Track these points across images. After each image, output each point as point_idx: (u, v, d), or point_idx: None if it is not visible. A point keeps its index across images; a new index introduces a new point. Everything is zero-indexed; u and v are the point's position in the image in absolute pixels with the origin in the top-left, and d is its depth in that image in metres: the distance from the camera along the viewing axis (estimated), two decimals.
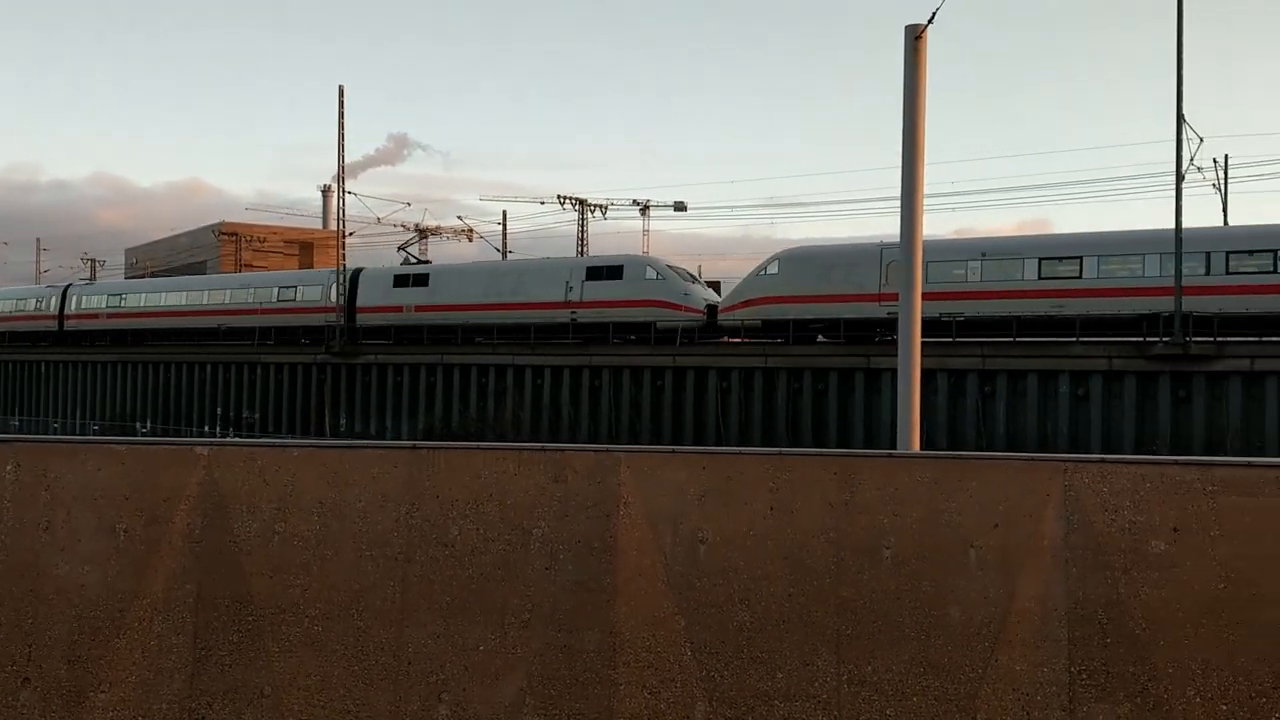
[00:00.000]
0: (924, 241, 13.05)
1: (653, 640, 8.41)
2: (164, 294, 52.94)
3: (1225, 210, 39.20)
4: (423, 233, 71.68)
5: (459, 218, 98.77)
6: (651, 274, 39.62)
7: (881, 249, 33.39)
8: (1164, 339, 29.17)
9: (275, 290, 48.89)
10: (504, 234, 60.87)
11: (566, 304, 39.59)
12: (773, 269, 36.14)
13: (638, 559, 8.67)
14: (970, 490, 9.48)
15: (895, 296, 32.60)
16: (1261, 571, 8.71)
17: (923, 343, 13.34)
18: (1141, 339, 30.05)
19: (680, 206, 57.50)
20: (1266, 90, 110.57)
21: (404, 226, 65.17)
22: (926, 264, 29.11)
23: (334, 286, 45.79)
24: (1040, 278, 31.48)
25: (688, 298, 38.41)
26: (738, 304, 36.71)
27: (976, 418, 31.88)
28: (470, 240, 63.58)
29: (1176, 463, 9.26)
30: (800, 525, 9.03)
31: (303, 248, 74.79)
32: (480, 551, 8.44)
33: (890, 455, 10.28)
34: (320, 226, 79.68)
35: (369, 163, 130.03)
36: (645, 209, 58.06)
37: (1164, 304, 29.06)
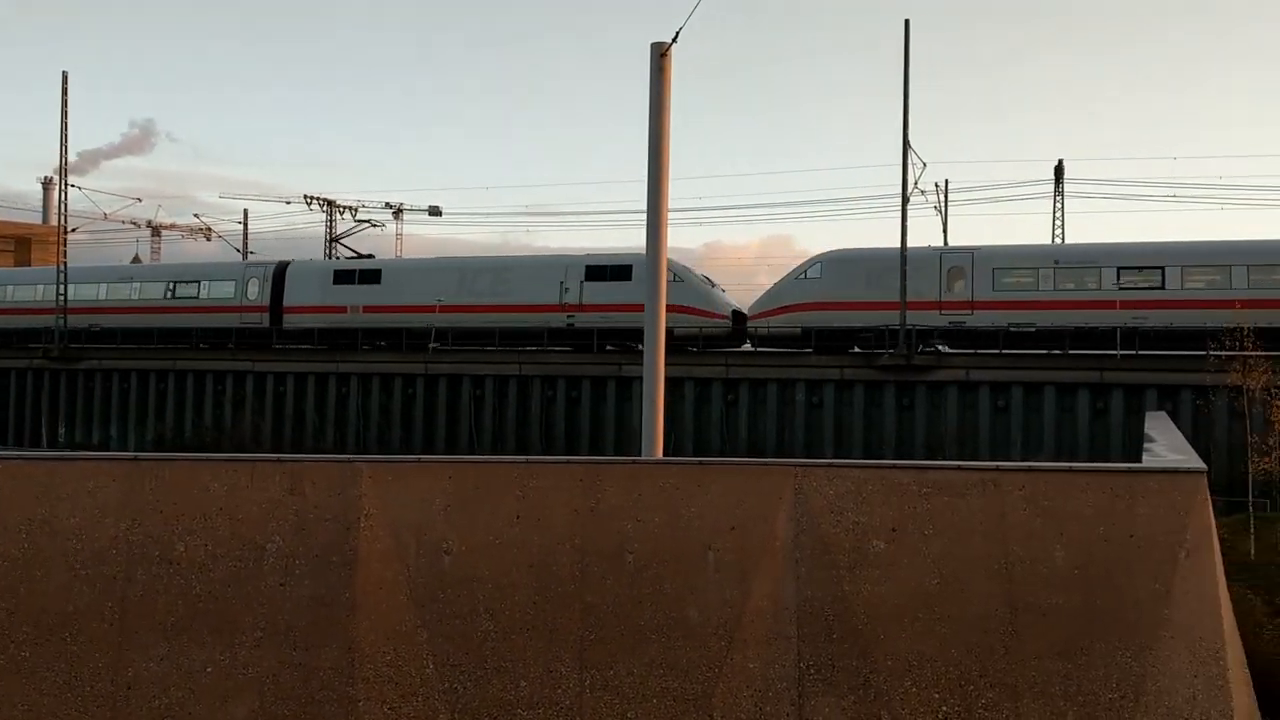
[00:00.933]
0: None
1: (394, 655, 8.23)
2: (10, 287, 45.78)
3: (945, 230, 42.38)
4: (155, 230, 67.31)
5: (196, 215, 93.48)
6: (670, 276, 37.73)
7: (941, 254, 32.01)
8: (889, 350, 31.19)
9: (167, 287, 41.78)
10: (245, 233, 57.95)
11: (563, 307, 35.36)
12: (814, 272, 32.94)
13: (380, 571, 8.48)
14: (710, 494, 9.83)
15: (958, 304, 30.80)
16: (969, 568, 9.45)
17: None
18: (869, 351, 31.99)
19: (435, 211, 56.40)
20: (982, 117, 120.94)
21: (134, 223, 61.05)
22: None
23: (252, 282, 40.19)
24: None
25: (712, 302, 35.57)
26: (773, 310, 33.66)
27: (721, 424, 33.02)
28: (209, 239, 60.18)
29: (895, 466, 9.94)
30: (547, 532, 9.08)
31: (19, 244, 68.84)
32: (208, 568, 8.02)
33: (634, 462, 10.52)
34: (40, 221, 73.71)
35: (113, 152, 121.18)
36: (399, 212, 56.77)
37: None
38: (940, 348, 32.12)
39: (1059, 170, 40.46)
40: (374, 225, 52.49)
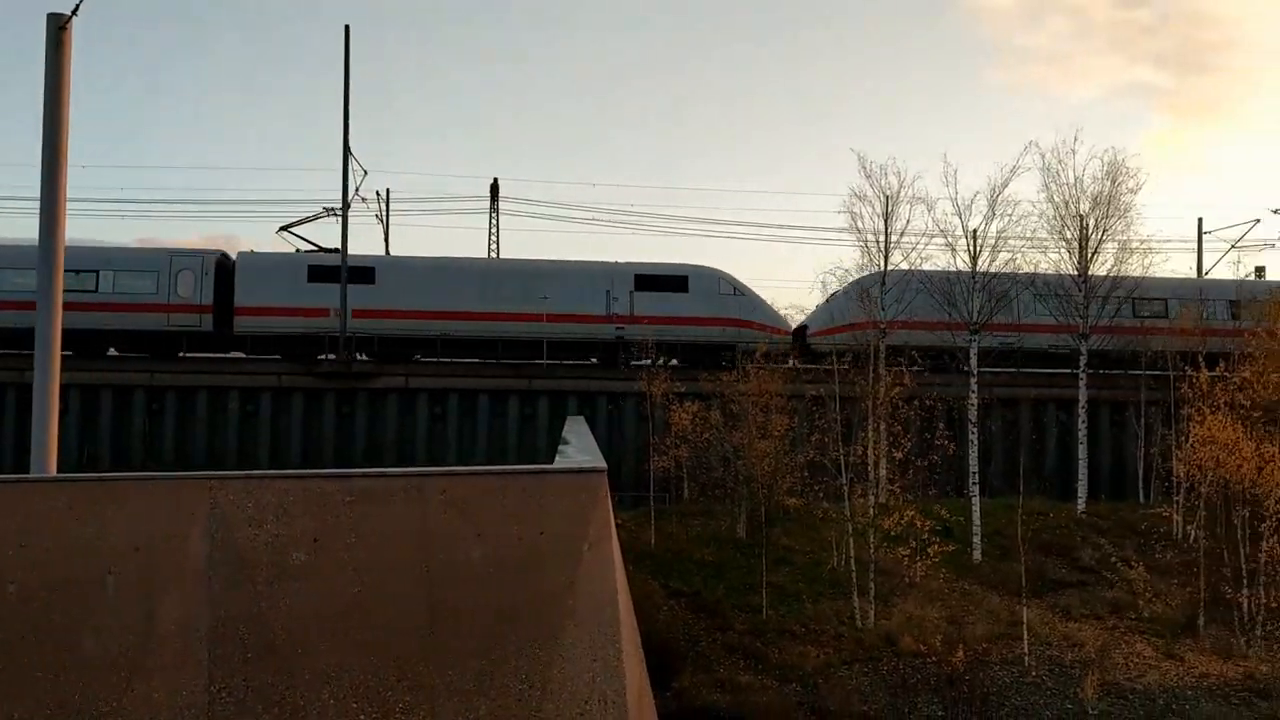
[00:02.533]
0: None
1: None
2: None
3: (387, 240, 42.91)
4: None
5: None
6: (726, 287, 33.53)
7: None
8: (329, 356, 30.87)
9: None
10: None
11: (610, 318, 31.85)
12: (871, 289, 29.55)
13: None
14: (112, 514, 8.95)
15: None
16: (392, 574, 9.50)
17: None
18: (313, 357, 31.41)
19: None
20: (424, 130, 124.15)
21: None
22: None
23: (183, 275, 31.84)
24: None
25: (773, 317, 34.04)
26: (840, 327, 31.31)
27: (145, 435, 30.60)
28: None
29: (319, 475, 9.73)
30: None
31: None
32: None
33: (19, 480, 9.29)
34: None
35: None
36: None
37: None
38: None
39: (495, 188, 42.51)
40: (333, 214, 40.91)
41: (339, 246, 33.17)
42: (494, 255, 42.68)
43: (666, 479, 28.18)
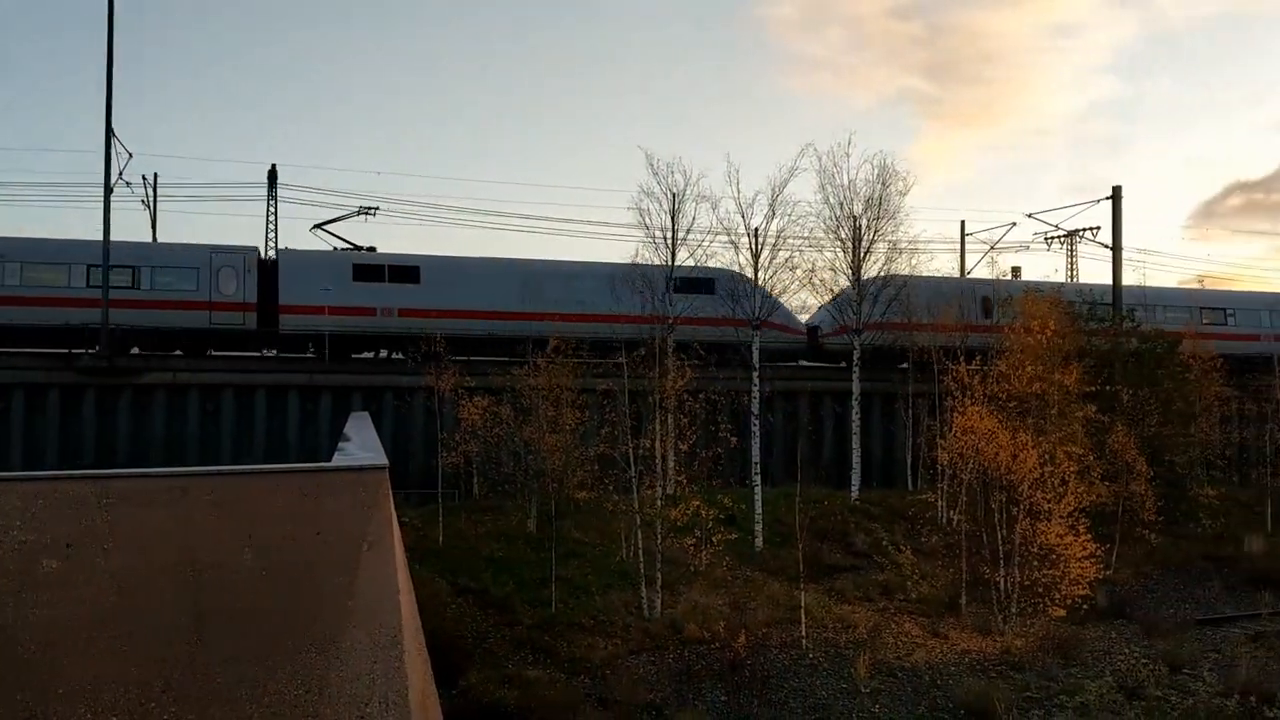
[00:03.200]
0: None
1: None
2: None
3: (154, 226, 40.58)
4: None
5: None
6: (747, 289, 32.58)
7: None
8: (90, 351, 28.89)
9: (74, 271, 29.85)
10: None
11: (651, 318, 30.72)
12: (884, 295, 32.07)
13: None
14: None
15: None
16: (154, 580, 8.96)
17: None
18: (68, 351, 29.30)
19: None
20: (198, 113, 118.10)
21: None
22: None
23: (225, 272, 31.04)
24: None
25: (790, 317, 34.76)
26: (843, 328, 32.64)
27: None
28: None
29: (71, 477, 9.08)
30: None
31: None
32: None
33: None
34: None
35: None
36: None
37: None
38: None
39: (273, 175, 40.85)
40: (366, 214, 37.11)
41: (361, 245, 34.02)
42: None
43: (456, 475, 27.80)
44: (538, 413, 25.59)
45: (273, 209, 40.84)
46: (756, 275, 29.37)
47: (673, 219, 28.99)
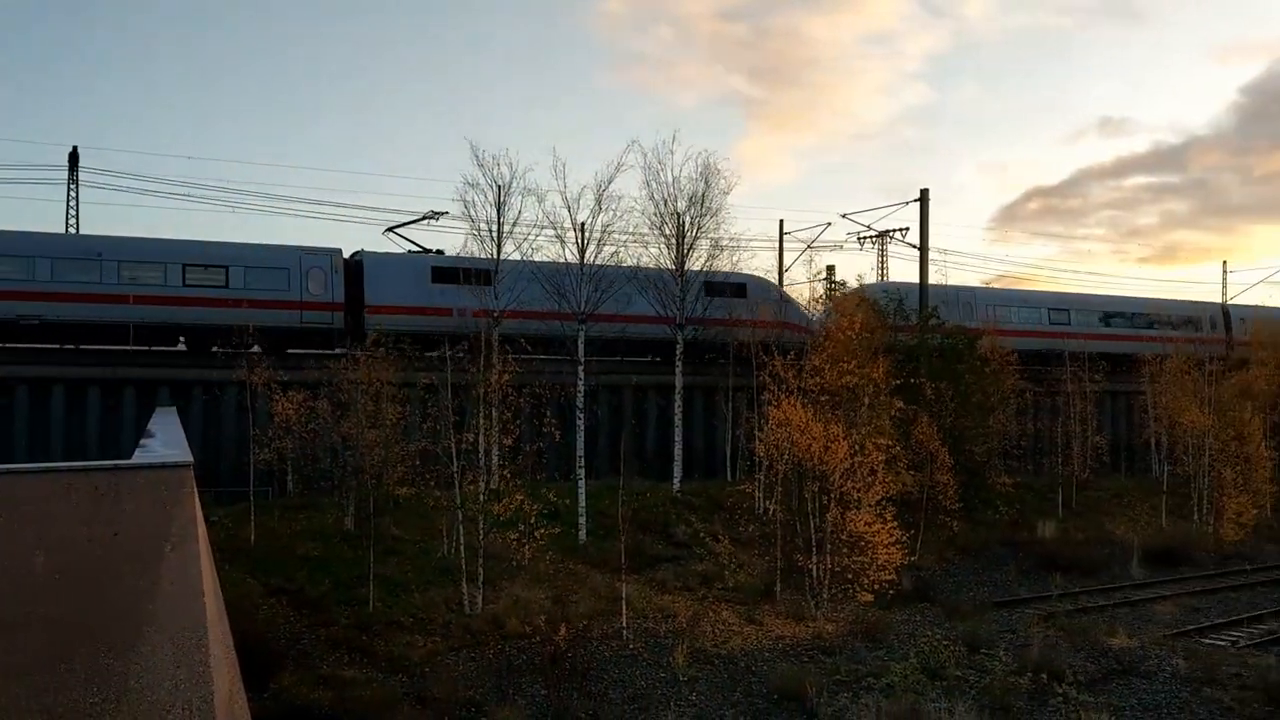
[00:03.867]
0: None
1: None
2: None
3: None
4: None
5: None
6: (775, 294, 37.80)
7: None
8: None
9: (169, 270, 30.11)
10: None
11: (688, 320, 33.69)
12: (897, 300, 37.33)
13: None
14: None
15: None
16: None
17: None
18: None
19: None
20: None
21: None
22: None
23: (313, 273, 32.07)
24: None
25: (804, 318, 37.65)
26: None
27: None
28: None
29: None
30: None
31: None
32: None
33: None
34: None
35: None
36: None
37: None
38: None
39: (74, 157, 38.60)
40: (435, 217, 36.78)
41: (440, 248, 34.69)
42: (72, 229, 38.78)
43: (270, 472, 26.92)
44: (356, 407, 25.06)
45: (74, 192, 38.61)
46: (581, 264, 29.40)
47: (498, 211, 28.81)
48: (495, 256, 29.08)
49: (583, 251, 29.52)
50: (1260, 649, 21.88)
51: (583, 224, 29.37)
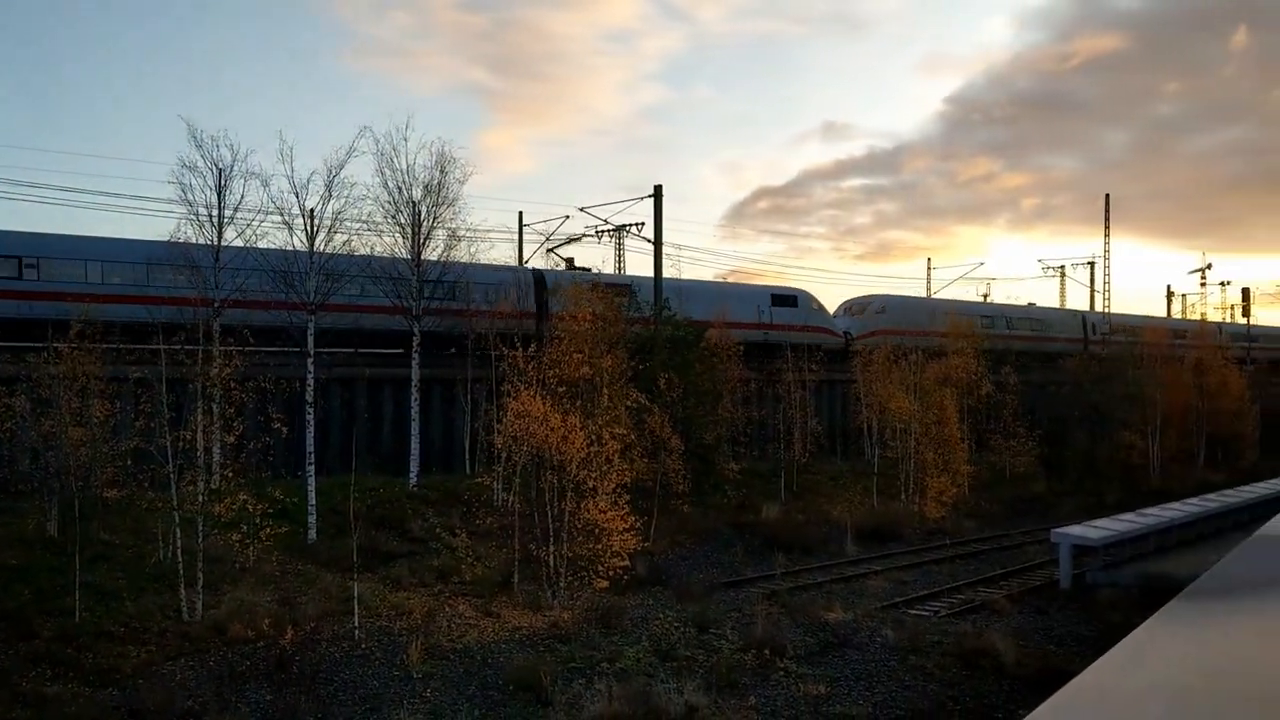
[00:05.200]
0: None
1: None
2: None
3: None
4: None
5: None
6: (817, 304, 49.66)
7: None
8: None
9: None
10: None
11: (760, 325, 45.01)
12: (879, 309, 52.21)
13: None
14: None
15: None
16: None
17: None
18: None
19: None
20: None
21: None
22: None
23: (516, 289, 36.90)
24: None
25: (833, 323, 49.76)
26: (868, 333, 48.36)
27: None
28: None
29: None
30: None
31: None
32: None
33: None
34: None
35: None
36: None
37: None
38: None
39: None
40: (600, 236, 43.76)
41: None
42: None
43: None
44: (60, 404, 23.18)
45: None
46: (311, 252, 28.30)
47: (219, 195, 27.27)
48: (216, 244, 27.53)
49: (312, 239, 28.46)
50: (958, 618, 23.83)
51: (312, 211, 28.32)
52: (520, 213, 58.49)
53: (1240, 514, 31.35)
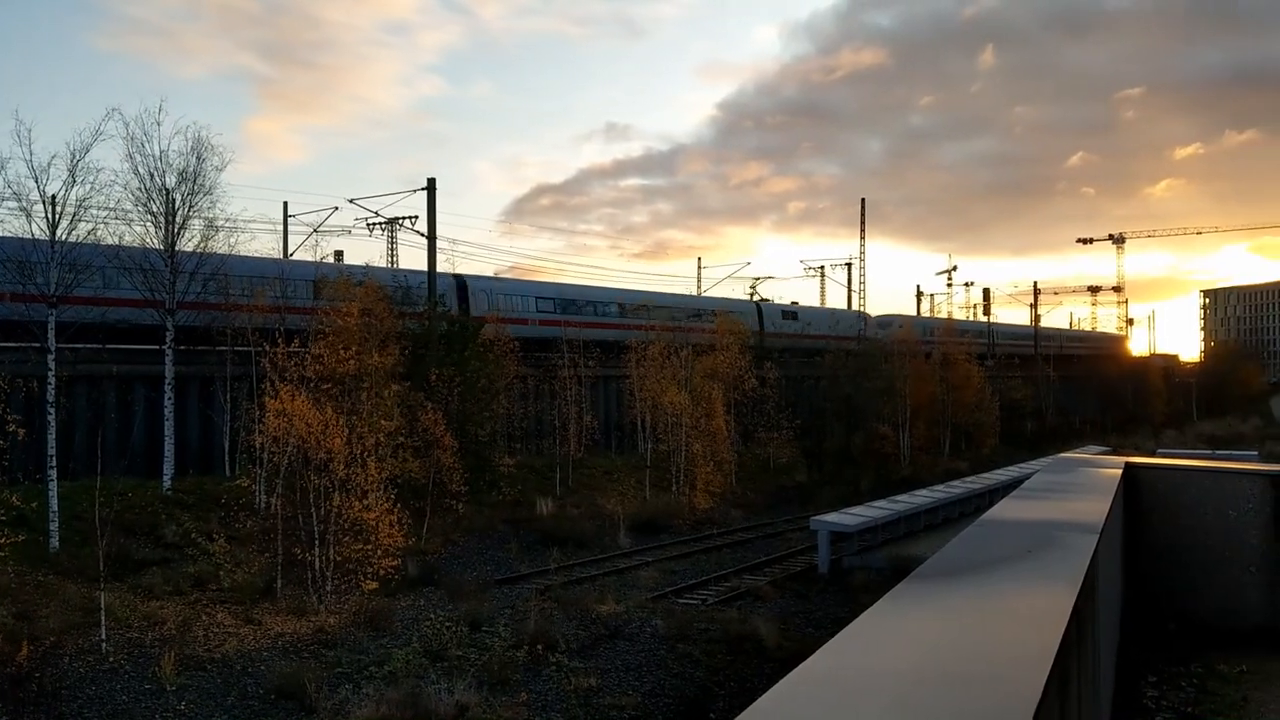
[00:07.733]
0: None
1: None
2: None
3: None
4: None
5: None
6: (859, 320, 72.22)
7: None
8: None
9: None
10: None
11: (857, 338, 64.74)
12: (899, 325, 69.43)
13: None
14: None
15: None
16: None
17: None
18: None
19: None
20: None
21: None
22: None
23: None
24: None
25: (861, 329, 69.45)
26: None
27: None
28: None
29: None
30: None
31: None
32: None
33: None
34: None
35: None
36: None
37: None
38: None
39: None
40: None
41: None
42: None
43: None
44: None
45: None
46: (53, 241, 26.33)
47: None
48: None
49: (54, 227, 26.49)
50: (724, 605, 24.62)
51: (54, 197, 26.34)
52: (285, 203, 56.71)
53: (980, 499, 33.80)
